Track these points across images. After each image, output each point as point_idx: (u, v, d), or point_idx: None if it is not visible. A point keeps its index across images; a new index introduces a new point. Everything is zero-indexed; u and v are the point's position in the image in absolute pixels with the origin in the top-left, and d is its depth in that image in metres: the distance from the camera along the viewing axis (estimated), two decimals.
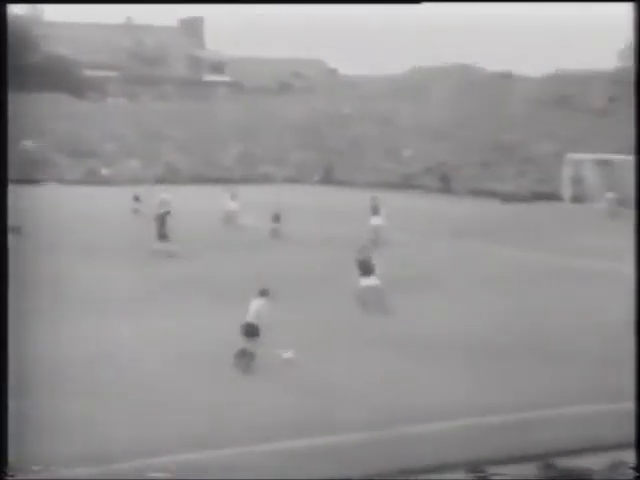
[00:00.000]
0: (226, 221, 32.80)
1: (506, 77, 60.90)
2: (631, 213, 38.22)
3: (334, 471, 9.64)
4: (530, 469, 9.53)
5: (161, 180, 57.77)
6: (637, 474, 9.10)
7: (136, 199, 36.76)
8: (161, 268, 23.27)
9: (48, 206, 34.42)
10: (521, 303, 19.26)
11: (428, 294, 19.91)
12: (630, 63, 56.15)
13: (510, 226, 34.32)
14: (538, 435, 10.89)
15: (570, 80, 55.42)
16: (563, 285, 21.39)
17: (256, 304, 14.05)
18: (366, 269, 17.29)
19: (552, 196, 44.73)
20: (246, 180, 57.73)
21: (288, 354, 13.99)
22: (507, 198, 46.13)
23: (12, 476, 8.85)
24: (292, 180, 58.38)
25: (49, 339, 15.24)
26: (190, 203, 36.73)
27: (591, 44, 64.24)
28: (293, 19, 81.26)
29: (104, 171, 58.83)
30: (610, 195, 40.46)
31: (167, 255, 24.80)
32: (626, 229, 31.97)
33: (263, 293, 14.24)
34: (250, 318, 13.93)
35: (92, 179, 56.34)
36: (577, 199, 43.14)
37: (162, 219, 26.10)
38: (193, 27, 76.25)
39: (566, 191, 44.10)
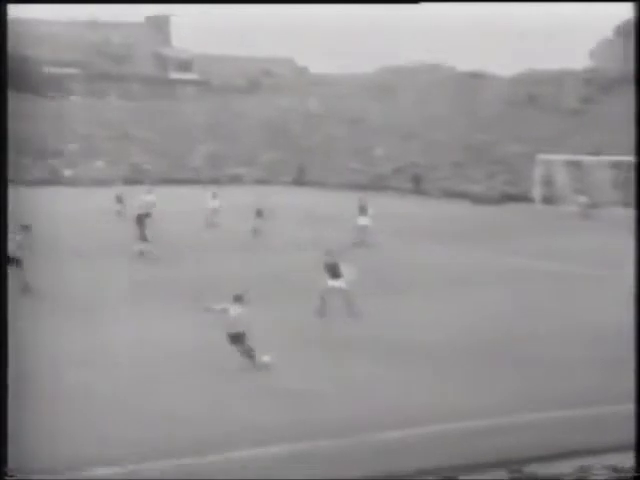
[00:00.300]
0: (208, 220, 33.82)
1: (476, 76, 61.29)
2: (601, 214, 39.76)
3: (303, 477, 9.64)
4: (500, 475, 9.58)
5: (129, 181, 57.57)
6: (637, 474, 9.04)
7: (118, 200, 37.10)
8: (140, 270, 23.44)
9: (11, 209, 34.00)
10: (486, 306, 19.44)
11: (396, 297, 20.08)
12: (602, 62, 57.35)
13: (479, 228, 34.65)
14: (507, 441, 10.96)
15: (541, 80, 55.85)
16: (532, 288, 21.64)
17: (234, 311, 14.14)
18: (333, 272, 17.77)
19: (523, 198, 45.19)
20: (215, 181, 57.47)
21: (266, 358, 14.09)
22: (478, 200, 46.59)
23: (12, 476, 8.90)
24: (262, 181, 58.51)
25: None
26: (164, 204, 36.88)
27: (562, 43, 64.90)
28: (262, 17, 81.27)
29: (67, 172, 58.34)
30: (582, 199, 41.08)
31: (147, 257, 25.07)
32: (595, 231, 33.54)
33: (237, 299, 14.30)
34: (233, 327, 14.06)
35: (55, 180, 55.84)
36: (548, 201, 43.52)
37: (142, 221, 26.27)
38: (160, 24, 75.80)
39: (537, 193, 44.46)
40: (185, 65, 72.47)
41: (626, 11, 56.81)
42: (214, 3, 64.84)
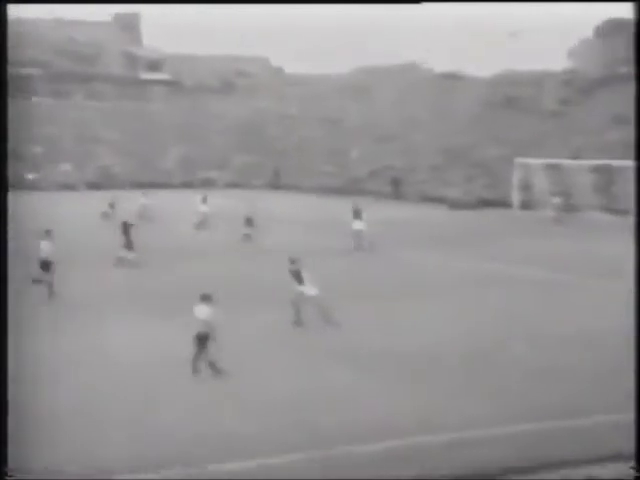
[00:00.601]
0: (198, 224, 34.96)
1: (454, 77, 61.29)
2: (577, 218, 39.76)
3: None
4: None
5: (96, 186, 56.81)
6: (637, 474, 9.35)
7: (111, 206, 37.66)
8: (122, 277, 23.58)
9: None
10: (462, 313, 19.49)
11: (369, 304, 20.11)
12: (581, 63, 57.44)
13: (456, 234, 34.73)
14: (485, 453, 10.91)
15: (519, 81, 55.79)
16: (509, 294, 21.68)
17: (201, 311, 14.20)
18: (298, 279, 18.21)
19: (501, 202, 45.05)
20: (187, 185, 58.08)
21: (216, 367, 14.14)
22: (455, 204, 46.41)
23: (12, 476, 9.18)
24: (235, 185, 58.14)
25: None
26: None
27: (541, 43, 65.05)
28: (236, 15, 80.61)
29: (30, 176, 57.28)
30: (555, 200, 40.93)
31: (130, 265, 25.33)
32: (574, 237, 33.64)
33: (205, 299, 14.30)
34: (200, 327, 14.14)
35: (17, 184, 54.74)
36: (526, 205, 43.36)
37: (126, 228, 26.42)
38: (128, 23, 74.83)
39: (515, 197, 44.29)
40: (156, 65, 71.77)
41: (604, 12, 57.20)
42: (189, 3, 64.35)
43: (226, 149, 64.75)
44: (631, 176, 39.09)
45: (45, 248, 21.13)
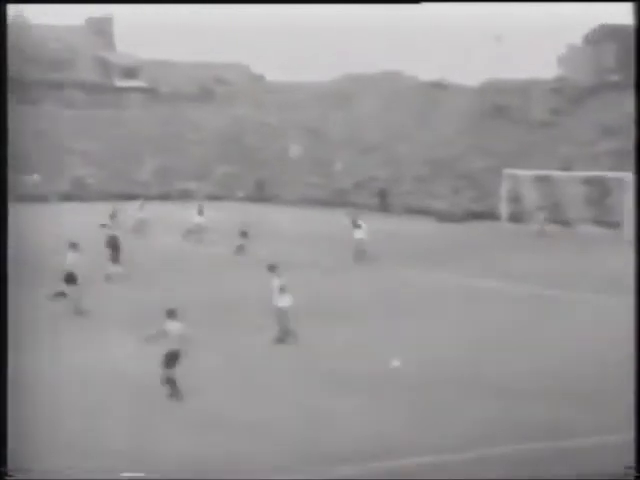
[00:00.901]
0: (193, 235, 35.58)
1: (439, 86, 60.99)
2: (569, 232, 39.38)
3: None
4: None
5: (68, 197, 55.75)
6: (637, 474, 9.59)
7: (112, 217, 37.40)
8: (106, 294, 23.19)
9: None
10: (441, 332, 19.34)
11: (345, 323, 19.94)
12: (570, 71, 57.22)
13: (442, 248, 34.69)
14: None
15: (507, 89, 55.63)
16: (490, 311, 21.56)
17: (171, 328, 13.97)
18: (281, 289, 18.18)
19: (489, 215, 44.74)
20: (164, 196, 57.25)
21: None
22: (442, 217, 46.07)
23: (12, 476, 9.60)
24: (215, 197, 57.45)
25: None
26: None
27: (528, 50, 64.80)
28: (215, 21, 79.86)
29: None
30: (540, 214, 40.69)
31: (118, 281, 25.02)
32: (559, 249, 33.45)
33: (170, 314, 14.08)
34: (167, 345, 13.94)
35: None
36: (515, 218, 42.97)
37: (114, 242, 25.95)
38: (101, 27, 73.66)
39: (503, 210, 43.91)
40: (131, 71, 70.83)
41: (595, 17, 56.93)
42: (166, 3, 63.42)
43: (205, 159, 64.12)
44: (624, 188, 38.90)
45: (71, 260, 21.07)
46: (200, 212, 36.65)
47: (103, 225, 36.76)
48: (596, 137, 47.55)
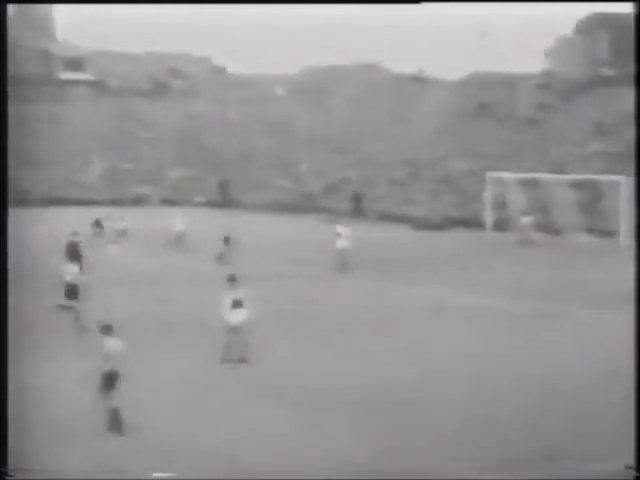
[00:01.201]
0: (176, 241, 37.34)
1: (417, 80, 61.45)
2: (558, 241, 39.26)
3: None
4: None
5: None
6: (637, 474, 10.11)
7: (97, 224, 39.25)
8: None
9: None
10: (410, 351, 19.27)
11: (309, 341, 19.95)
12: (560, 64, 57.34)
13: (419, 259, 34.72)
14: None
15: (491, 84, 55.85)
16: (466, 328, 21.38)
17: (108, 345, 13.59)
18: (235, 302, 18.01)
19: (471, 222, 44.61)
20: (115, 202, 57.12)
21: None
22: (419, 224, 46.03)
23: (12, 476, 10.29)
24: (172, 202, 57.27)
25: None
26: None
27: (514, 41, 65.08)
28: (171, 7, 79.21)
29: None
30: (525, 220, 40.44)
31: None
32: (547, 260, 33.39)
33: (105, 330, 13.69)
34: (107, 365, 13.47)
35: None
36: (500, 226, 42.64)
37: (74, 248, 25.22)
38: (41, 16, 72.91)
39: (488, 217, 43.62)
40: (76, 63, 70.18)
41: (585, 6, 57.06)
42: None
43: (159, 161, 64.07)
44: (619, 192, 38.77)
45: (71, 271, 21.24)
46: (180, 218, 38.45)
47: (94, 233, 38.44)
48: (588, 137, 47.66)
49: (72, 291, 20.85)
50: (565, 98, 52.46)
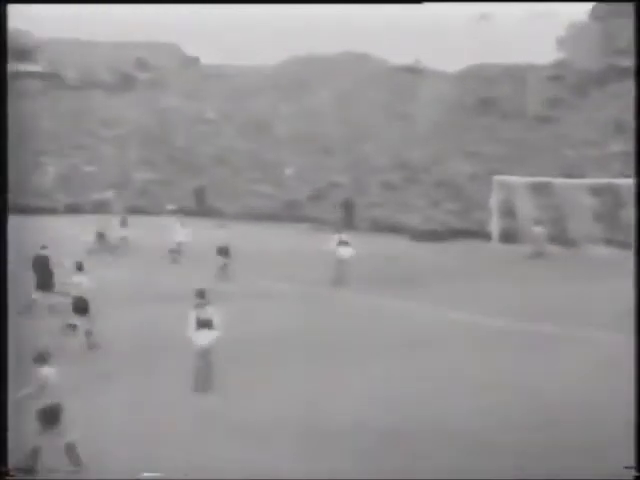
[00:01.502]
0: (175, 252, 38.01)
1: (414, 71, 61.45)
2: (573, 254, 40.23)
3: None
4: None
5: None
6: (637, 474, 11.13)
7: (100, 236, 40.57)
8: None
9: None
10: (401, 377, 19.42)
11: (286, 366, 20.06)
12: (573, 54, 57.14)
13: (416, 274, 35.16)
14: None
15: (496, 77, 56.09)
16: (468, 353, 21.57)
17: (46, 375, 13.52)
18: (202, 322, 18.08)
19: (475, 233, 45.15)
20: (74, 209, 57.41)
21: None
22: (416, 235, 46.67)
23: (12, 476, 11.52)
24: (139, 210, 57.53)
25: None
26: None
27: (522, 29, 65.14)
28: None
29: None
30: (537, 230, 40.94)
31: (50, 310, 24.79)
32: (561, 276, 33.87)
33: (39, 359, 13.51)
34: (44, 398, 13.39)
35: None
36: (508, 237, 43.08)
37: (42, 262, 25.40)
38: None
39: (494, 226, 44.04)
40: (26, 53, 70.02)
41: None
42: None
43: (123, 163, 64.20)
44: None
45: (78, 284, 21.67)
46: (182, 226, 39.36)
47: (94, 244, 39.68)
48: (606, 136, 47.57)
49: (81, 306, 21.40)
50: (579, 92, 52.61)
